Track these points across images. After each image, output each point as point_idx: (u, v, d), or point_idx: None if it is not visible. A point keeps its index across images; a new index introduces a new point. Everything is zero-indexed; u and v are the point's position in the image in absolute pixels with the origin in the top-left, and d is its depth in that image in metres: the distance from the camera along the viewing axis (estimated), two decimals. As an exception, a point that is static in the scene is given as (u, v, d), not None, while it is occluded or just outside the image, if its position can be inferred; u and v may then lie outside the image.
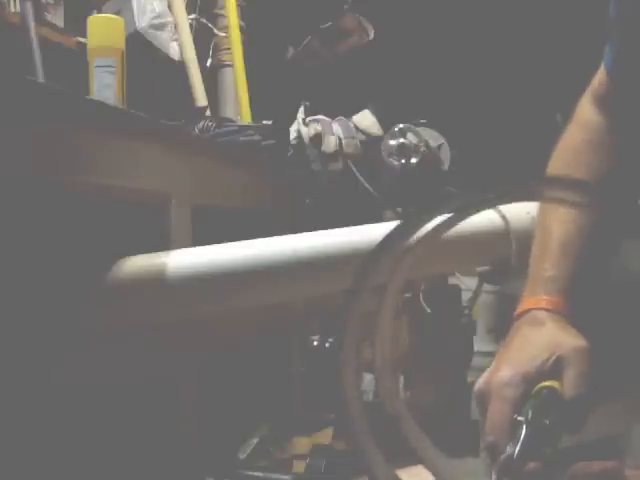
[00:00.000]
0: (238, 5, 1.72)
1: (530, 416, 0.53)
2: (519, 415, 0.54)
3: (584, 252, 0.68)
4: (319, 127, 1.65)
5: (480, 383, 0.60)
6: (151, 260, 0.85)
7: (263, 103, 1.69)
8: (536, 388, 0.56)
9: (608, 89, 0.75)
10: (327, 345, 1.71)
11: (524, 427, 0.53)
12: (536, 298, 0.65)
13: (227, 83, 1.73)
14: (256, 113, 1.64)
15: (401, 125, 1.58)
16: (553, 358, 0.58)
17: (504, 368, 0.59)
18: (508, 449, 0.51)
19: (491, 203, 0.42)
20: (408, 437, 0.55)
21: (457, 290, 1.46)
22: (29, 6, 1.23)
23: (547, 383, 0.56)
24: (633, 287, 0.73)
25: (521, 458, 0.51)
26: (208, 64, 1.71)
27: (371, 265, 0.45)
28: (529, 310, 0.65)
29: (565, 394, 0.56)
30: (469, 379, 1.39)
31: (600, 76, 0.77)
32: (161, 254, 0.86)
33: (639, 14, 0.67)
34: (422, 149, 1.54)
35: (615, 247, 0.73)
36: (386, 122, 1.69)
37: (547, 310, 0.64)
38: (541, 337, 0.60)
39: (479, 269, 1.01)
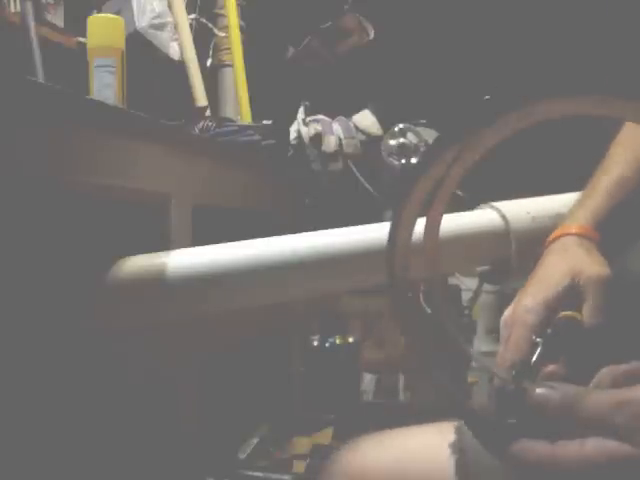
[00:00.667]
0: (238, 5, 1.72)
1: (547, 336, 0.54)
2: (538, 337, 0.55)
3: (626, 199, 0.69)
4: (319, 127, 1.65)
5: (505, 314, 0.61)
6: (151, 260, 0.85)
7: (263, 103, 1.69)
8: (557, 317, 0.58)
9: None
10: (327, 345, 1.72)
11: (540, 344, 0.54)
12: (567, 225, 0.66)
13: (227, 83, 1.73)
14: (256, 113, 1.64)
15: (401, 125, 1.58)
16: (574, 284, 0.59)
17: (527, 296, 0.60)
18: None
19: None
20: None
21: (457, 290, 1.46)
22: (29, 6, 1.23)
23: (567, 312, 0.58)
24: (635, 287, 0.73)
25: (538, 364, 0.52)
26: (208, 64, 1.71)
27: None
28: (558, 237, 0.66)
29: (584, 323, 0.57)
30: (469, 379, 1.39)
31: None
32: (161, 254, 0.86)
33: None
34: (422, 149, 1.54)
35: None
36: (386, 122, 1.69)
37: (575, 235, 0.65)
38: (564, 263, 0.61)
39: (479, 269, 1.01)
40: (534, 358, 0.53)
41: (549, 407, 0.39)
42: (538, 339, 0.55)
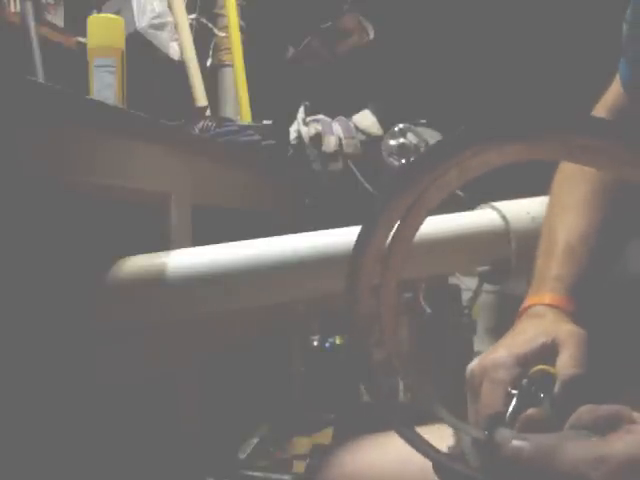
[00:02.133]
0: (238, 5, 1.72)
1: (522, 389, 0.53)
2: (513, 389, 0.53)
3: (590, 254, 0.67)
4: (319, 127, 1.65)
5: (473, 364, 0.59)
6: (151, 260, 0.85)
7: (263, 103, 1.69)
8: (530, 372, 0.55)
9: (623, 103, 0.73)
10: (327, 345, 1.72)
11: (515, 396, 0.52)
12: (540, 295, 0.65)
13: (227, 83, 1.73)
14: (256, 113, 1.64)
15: (401, 125, 1.58)
16: (549, 341, 0.57)
17: (498, 350, 0.58)
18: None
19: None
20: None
21: (457, 290, 1.46)
22: (29, 6, 1.23)
23: (541, 366, 0.55)
24: (634, 287, 0.73)
25: (513, 416, 0.50)
26: (208, 64, 1.71)
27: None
28: (532, 306, 0.64)
29: (559, 376, 0.54)
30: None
31: (614, 89, 0.74)
32: (161, 254, 0.86)
33: None
34: (422, 149, 1.54)
35: (619, 250, 0.73)
36: (386, 122, 1.69)
37: (550, 306, 0.63)
38: (539, 325, 0.60)
39: (479, 269, 1.01)
40: (509, 410, 0.51)
41: (523, 459, 0.38)
42: (513, 391, 0.53)
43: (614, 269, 0.73)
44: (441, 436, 0.60)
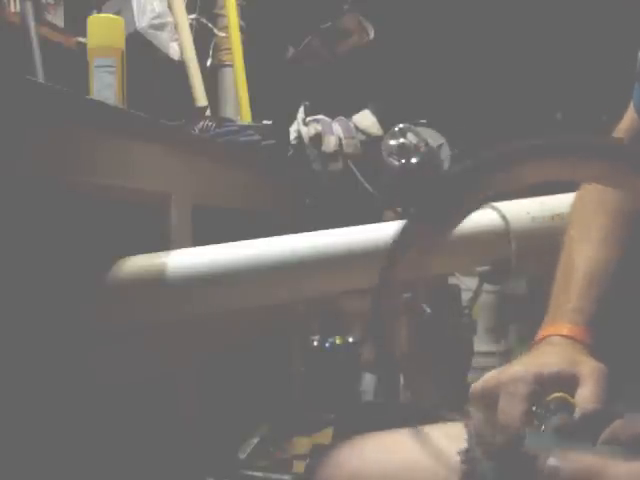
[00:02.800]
0: (238, 5, 1.72)
1: (544, 407, 0.51)
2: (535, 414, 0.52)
3: (608, 287, 0.66)
4: (319, 127, 1.65)
5: (485, 380, 0.57)
6: (151, 260, 0.85)
7: (263, 103, 1.69)
8: (549, 398, 0.54)
9: (638, 128, 0.72)
10: (327, 345, 1.72)
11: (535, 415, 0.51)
12: (557, 326, 0.63)
13: (227, 83, 1.73)
14: (256, 113, 1.64)
15: (401, 125, 1.58)
16: (568, 370, 0.55)
17: (515, 367, 0.56)
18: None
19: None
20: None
21: (457, 290, 1.46)
22: (29, 6, 1.23)
23: (561, 394, 0.54)
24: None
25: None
26: (208, 64, 1.71)
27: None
28: (548, 336, 0.63)
29: (578, 409, 0.52)
30: (469, 379, 1.39)
31: (630, 116, 0.74)
32: (161, 254, 0.86)
33: None
34: (422, 149, 1.54)
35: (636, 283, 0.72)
36: (386, 122, 1.69)
37: (567, 337, 0.61)
38: (559, 353, 0.58)
39: (479, 269, 1.01)
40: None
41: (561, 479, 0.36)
42: (533, 408, 0.52)
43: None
44: (448, 434, 0.59)
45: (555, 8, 1.78)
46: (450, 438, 0.58)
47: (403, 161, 1.53)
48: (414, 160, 1.53)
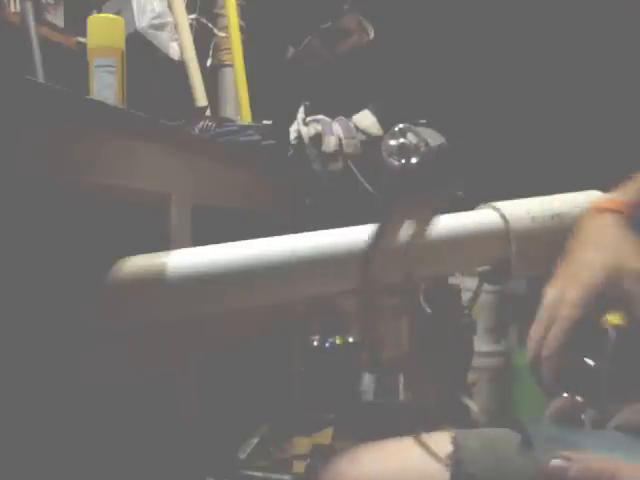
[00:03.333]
0: (238, 5, 1.72)
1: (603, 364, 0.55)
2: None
3: None
4: (319, 127, 1.65)
5: (551, 295, 0.62)
6: (151, 260, 0.85)
7: (263, 103, 1.69)
8: (602, 322, 0.58)
9: None
10: (327, 345, 1.72)
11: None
12: (610, 199, 0.68)
13: (227, 83, 1.73)
14: (256, 113, 1.64)
15: (401, 125, 1.58)
16: (613, 280, 0.59)
17: (571, 288, 0.60)
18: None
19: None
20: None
21: (457, 290, 1.46)
22: (29, 6, 1.23)
23: (613, 318, 0.58)
24: None
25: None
26: (208, 64, 1.71)
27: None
28: (598, 212, 0.67)
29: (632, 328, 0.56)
30: (469, 379, 1.39)
31: None
32: (161, 254, 0.86)
33: None
34: (422, 149, 1.54)
35: None
36: (386, 122, 1.69)
37: (612, 212, 0.66)
38: (602, 255, 0.62)
39: (479, 269, 1.01)
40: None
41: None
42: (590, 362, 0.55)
43: None
44: (436, 442, 0.60)
45: (555, 8, 1.78)
46: (438, 445, 0.60)
47: (403, 161, 1.53)
48: (414, 160, 1.53)
